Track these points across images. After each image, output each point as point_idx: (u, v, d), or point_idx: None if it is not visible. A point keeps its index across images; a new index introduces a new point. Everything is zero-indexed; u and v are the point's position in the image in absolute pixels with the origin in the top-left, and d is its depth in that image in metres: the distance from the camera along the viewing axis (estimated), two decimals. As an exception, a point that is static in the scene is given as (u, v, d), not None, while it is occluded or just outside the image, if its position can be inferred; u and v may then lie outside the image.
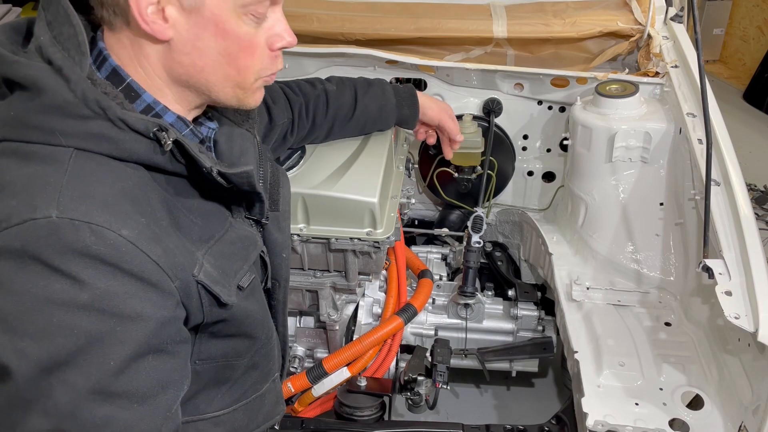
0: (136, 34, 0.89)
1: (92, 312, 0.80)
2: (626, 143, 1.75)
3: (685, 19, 2.04)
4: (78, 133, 0.84)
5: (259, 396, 1.20)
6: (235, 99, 0.98)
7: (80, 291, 0.79)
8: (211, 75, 0.93)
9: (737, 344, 1.40)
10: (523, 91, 2.04)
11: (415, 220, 2.35)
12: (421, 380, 1.72)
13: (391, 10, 2.13)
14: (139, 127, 0.86)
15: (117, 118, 0.84)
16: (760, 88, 4.21)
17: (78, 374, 0.80)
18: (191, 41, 0.89)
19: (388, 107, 1.59)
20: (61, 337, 0.79)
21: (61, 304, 0.78)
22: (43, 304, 0.78)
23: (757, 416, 1.25)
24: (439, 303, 1.94)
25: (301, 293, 1.73)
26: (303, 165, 1.55)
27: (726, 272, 1.35)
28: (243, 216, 1.07)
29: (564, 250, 1.90)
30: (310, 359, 1.88)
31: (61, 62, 0.83)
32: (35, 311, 0.78)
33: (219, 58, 0.92)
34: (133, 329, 0.83)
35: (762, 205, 3.29)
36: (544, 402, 2.15)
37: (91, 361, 0.80)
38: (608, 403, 1.41)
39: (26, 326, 0.78)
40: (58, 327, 0.78)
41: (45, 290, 0.78)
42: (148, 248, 0.84)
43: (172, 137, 0.87)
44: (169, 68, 0.92)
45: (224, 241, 0.99)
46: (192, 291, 0.92)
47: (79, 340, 0.79)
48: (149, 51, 0.90)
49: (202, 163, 0.91)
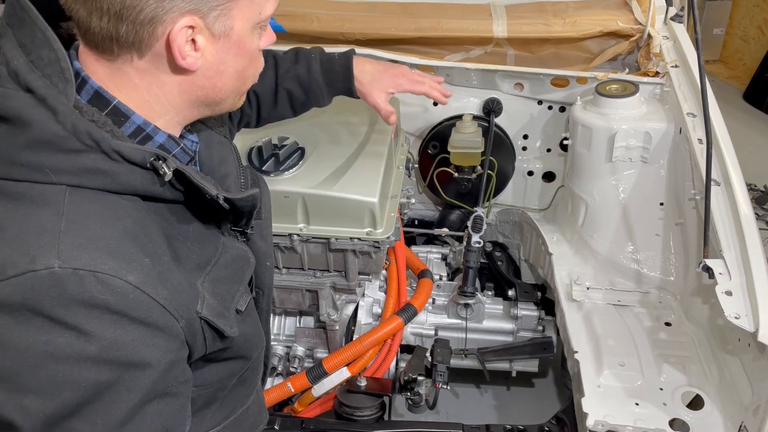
0: (154, 65, 0.84)
1: (100, 363, 0.76)
2: (626, 143, 1.75)
3: (685, 19, 2.04)
4: (70, 168, 0.78)
5: (245, 409, 1.18)
6: (232, 106, 0.98)
7: (87, 343, 0.75)
8: (225, 92, 0.92)
9: (737, 344, 1.40)
10: (523, 91, 2.04)
11: (415, 220, 2.35)
12: (421, 380, 1.72)
13: (391, 10, 2.13)
14: (135, 158, 0.81)
15: (111, 150, 0.79)
16: (760, 88, 4.21)
17: (84, 425, 0.77)
18: (215, 65, 0.88)
19: (314, 87, 1.42)
20: (68, 391, 0.75)
21: (67, 359, 0.75)
22: (47, 360, 0.74)
23: (757, 416, 1.25)
24: (439, 303, 1.94)
25: (301, 293, 1.73)
26: (303, 165, 1.55)
27: (726, 272, 1.35)
28: (229, 228, 1.04)
29: (564, 250, 1.90)
30: (310, 359, 1.88)
31: (44, 91, 0.77)
32: (38, 367, 0.74)
33: (235, 75, 0.91)
34: (141, 377, 0.80)
35: (762, 205, 3.29)
36: (544, 402, 2.15)
37: (99, 411, 0.77)
38: (608, 403, 1.41)
39: (29, 383, 0.75)
40: (64, 382, 0.75)
41: (48, 345, 0.74)
42: (154, 292, 0.80)
43: (171, 167, 0.83)
44: (186, 93, 0.89)
45: (220, 265, 0.97)
46: (196, 328, 0.89)
47: (87, 393, 0.76)
48: (166, 80, 0.86)
49: (207, 191, 0.88)
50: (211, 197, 0.89)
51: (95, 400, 0.77)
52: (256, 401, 1.23)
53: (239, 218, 1.01)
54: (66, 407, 0.76)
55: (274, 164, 1.56)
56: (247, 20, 0.88)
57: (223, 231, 1.02)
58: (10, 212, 0.77)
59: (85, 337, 0.75)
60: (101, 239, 0.78)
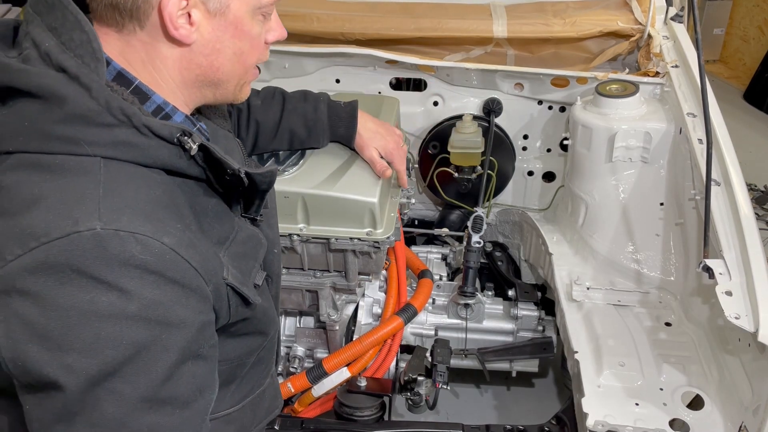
0: (153, 37, 0.88)
1: (140, 322, 0.79)
2: (626, 143, 1.75)
3: (685, 19, 2.04)
4: (104, 141, 0.82)
5: (262, 391, 1.22)
6: (232, 95, 1.01)
7: (127, 302, 0.78)
8: (224, 74, 0.95)
9: (737, 344, 1.40)
10: (523, 91, 2.04)
11: (415, 220, 2.35)
12: (421, 380, 1.72)
13: (391, 10, 2.13)
14: (163, 133, 0.85)
15: (142, 125, 0.84)
16: (760, 88, 4.21)
17: (126, 384, 0.80)
18: (212, 43, 0.91)
19: (318, 127, 1.48)
20: (110, 348, 0.78)
21: (109, 317, 0.78)
22: (90, 318, 0.77)
23: (757, 416, 1.25)
24: (439, 303, 1.94)
25: (301, 293, 1.73)
26: (303, 165, 1.55)
27: (726, 272, 1.35)
28: (240, 215, 1.07)
29: (564, 250, 1.90)
30: (310, 359, 1.88)
31: (77, 70, 0.81)
32: (82, 326, 0.77)
33: (233, 57, 0.94)
34: (178, 336, 0.83)
35: (762, 205, 3.29)
36: (544, 402, 2.15)
37: (139, 370, 0.80)
38: (608, 403, 1.41)
39: (73, 341, 0.77)
40: (107, 339, 0.78)
41: (91, 304, 0.77)
42: (187, 255, 0.84)
43: (197, 142, 0.87)
44: (186, 70, 0.92)
45: (237, 242, 1.00)
46: (222, 294, 0.93)
47: (128, 351, 0.79)
48: (166, 54, 0.90)
49: (230, 164, 0.91)
50: (233, 171, 0.92)
51: (135, 358, 0.80)
52: (272, 385, 1.28)
53: (251, 202, 1.04)
54: (108, 365, 0.78)
55: (274, 164, 1.56)
56: (244, 2, 0.91)
57: (235, 215, 1.05)
58: (48, 182, 0.80)
59: (126, 296, 0.78)
60: (138, 204, 0.82)
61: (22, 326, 0.77)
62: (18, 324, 0.77)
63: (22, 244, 0.77)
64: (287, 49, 2.00)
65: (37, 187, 0.80)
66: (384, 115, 1.75)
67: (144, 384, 0.81)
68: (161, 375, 0.82)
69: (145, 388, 0.81)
